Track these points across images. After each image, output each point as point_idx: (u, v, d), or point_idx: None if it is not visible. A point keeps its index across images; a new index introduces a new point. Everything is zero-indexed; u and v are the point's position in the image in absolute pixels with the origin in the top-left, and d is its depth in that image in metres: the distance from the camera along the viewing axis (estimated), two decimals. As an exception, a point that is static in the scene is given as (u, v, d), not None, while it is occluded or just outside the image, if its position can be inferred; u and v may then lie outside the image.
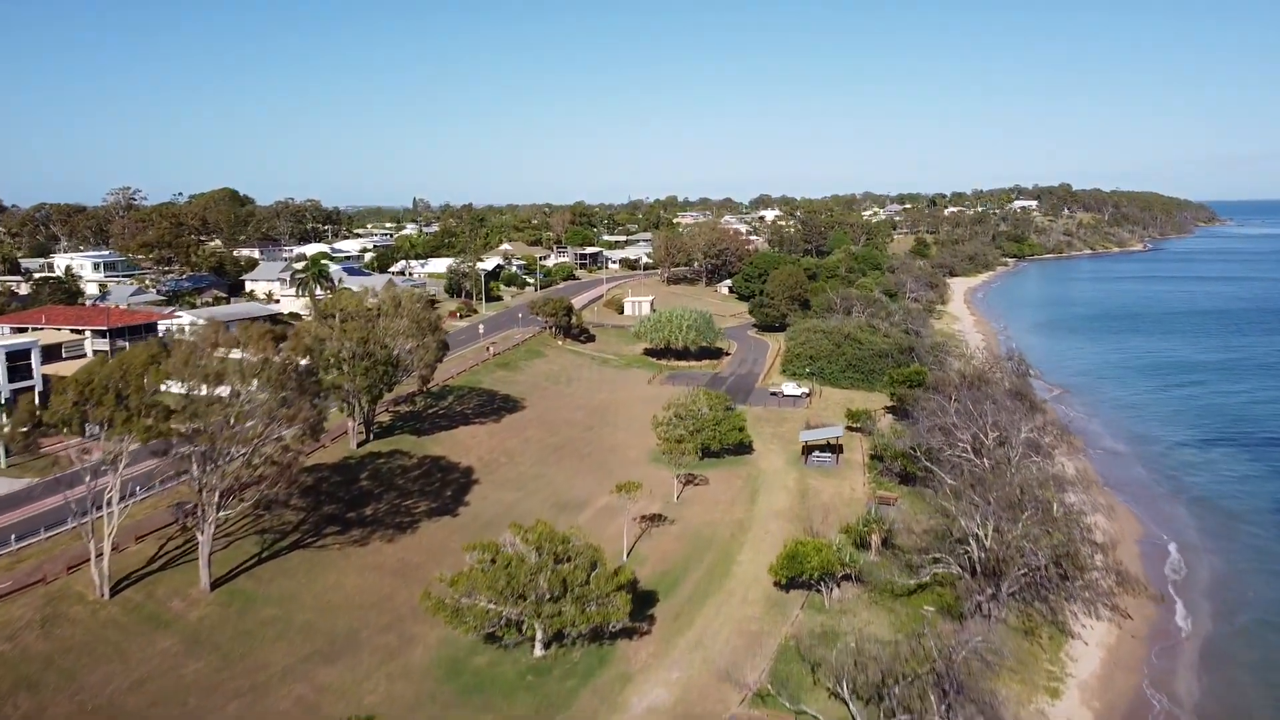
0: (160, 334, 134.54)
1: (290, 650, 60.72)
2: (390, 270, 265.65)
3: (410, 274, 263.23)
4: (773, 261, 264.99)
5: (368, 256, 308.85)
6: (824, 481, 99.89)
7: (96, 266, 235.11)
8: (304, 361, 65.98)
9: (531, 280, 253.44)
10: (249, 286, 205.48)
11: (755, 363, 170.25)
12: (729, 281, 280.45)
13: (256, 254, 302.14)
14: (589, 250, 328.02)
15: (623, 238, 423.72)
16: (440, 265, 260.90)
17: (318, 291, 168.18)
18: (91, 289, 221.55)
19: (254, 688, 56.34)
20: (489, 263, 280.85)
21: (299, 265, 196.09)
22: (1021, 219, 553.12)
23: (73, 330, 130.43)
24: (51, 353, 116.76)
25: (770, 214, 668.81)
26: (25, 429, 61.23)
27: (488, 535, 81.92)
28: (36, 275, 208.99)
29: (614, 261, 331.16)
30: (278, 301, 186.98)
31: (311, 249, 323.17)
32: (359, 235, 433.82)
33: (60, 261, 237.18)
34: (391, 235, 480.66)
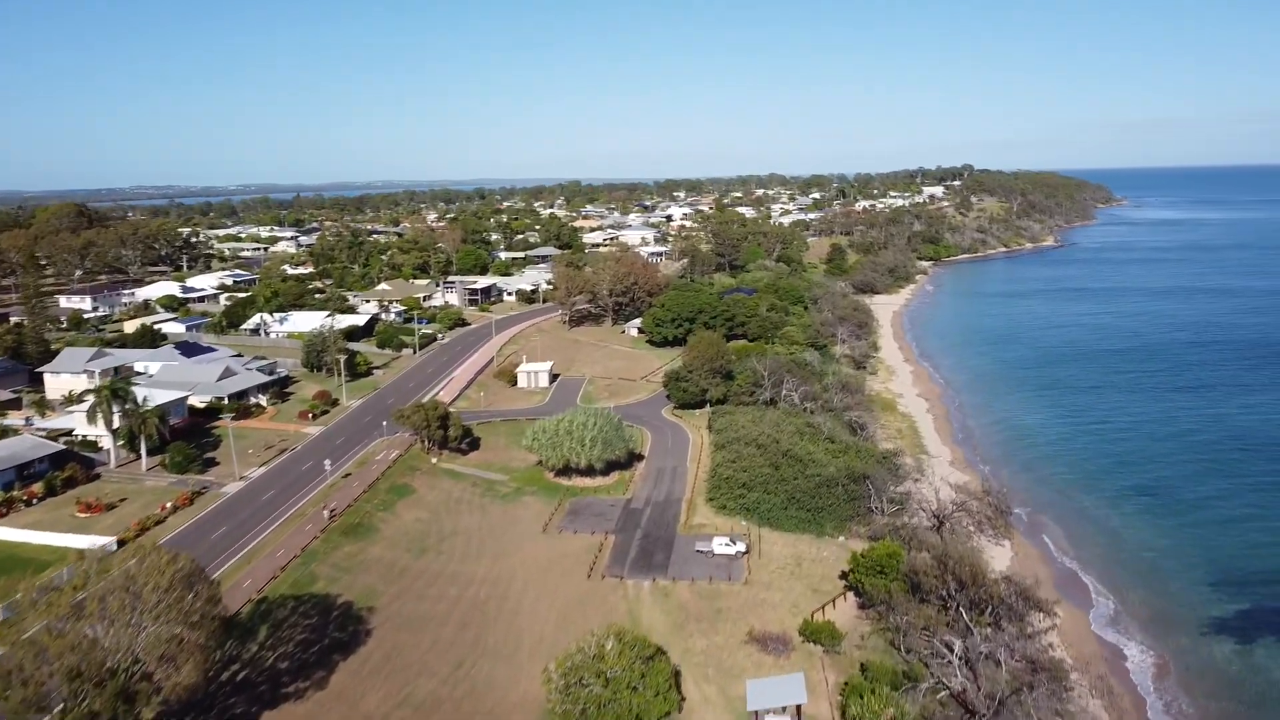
0: None
1: None
2: (244, 328, 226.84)
3: (267, 333, 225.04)
4: (685, 302, 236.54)
5: (223, 300, 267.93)
6: (785, 787, 71.07)
7: None
8: None
9: (410, 340, 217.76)
10: (48, 381, 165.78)
11: (675, 475, 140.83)
12: (638, 321, 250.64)
13: (88, 303, 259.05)
14: (481, 284, 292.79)
15: (521, 253, 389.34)
16: (304, 321, 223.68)
17: (115, 414, 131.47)
18: None
19: None
20: (363, 313, 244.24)
21: (95, 372, 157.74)
22: (935, 216, 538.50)
23: None
24: None
25: (679, 210, 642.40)
26: None
27: None
28: None
29: (509, 293, 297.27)
30: (72, 410, 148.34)
31: (158, 289, 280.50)
32: (223, 260, 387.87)
33: None
34: (265, 251, 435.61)
